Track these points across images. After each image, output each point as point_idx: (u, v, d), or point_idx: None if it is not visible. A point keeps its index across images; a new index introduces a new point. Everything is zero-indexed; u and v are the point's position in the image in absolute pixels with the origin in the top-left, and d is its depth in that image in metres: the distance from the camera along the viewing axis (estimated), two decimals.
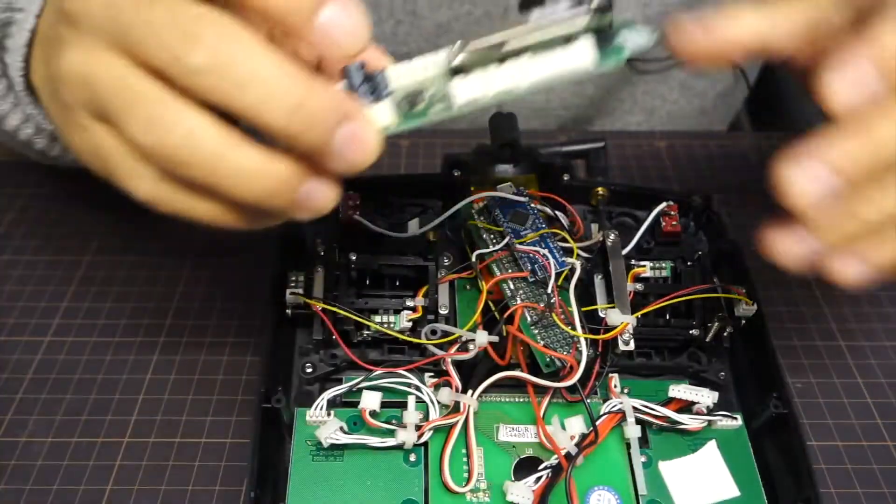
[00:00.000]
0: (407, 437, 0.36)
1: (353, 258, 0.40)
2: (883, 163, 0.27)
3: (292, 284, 0.40)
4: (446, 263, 0.41)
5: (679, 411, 0.37)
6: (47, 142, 0.41)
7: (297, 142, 0.25)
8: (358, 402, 0.37)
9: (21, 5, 0.35)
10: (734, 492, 0.36)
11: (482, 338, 0.37)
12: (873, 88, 0.27)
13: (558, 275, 0.38)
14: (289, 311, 0.40)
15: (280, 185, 0.25)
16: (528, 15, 0.26)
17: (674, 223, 0.43)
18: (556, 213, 0.42)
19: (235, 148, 0.25)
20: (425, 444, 0.36)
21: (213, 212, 0.27)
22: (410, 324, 0.38)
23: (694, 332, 0.40)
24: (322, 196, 0.26)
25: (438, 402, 0.37)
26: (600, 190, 0.44)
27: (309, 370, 0.39)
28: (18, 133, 0.40)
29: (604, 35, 0.27)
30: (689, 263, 0.42)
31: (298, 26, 0.25)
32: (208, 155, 0.25)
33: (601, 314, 0.38)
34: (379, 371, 0.38)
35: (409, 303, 0.39)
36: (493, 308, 0.39)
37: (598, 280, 0.40)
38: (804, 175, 0.27)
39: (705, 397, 0.37)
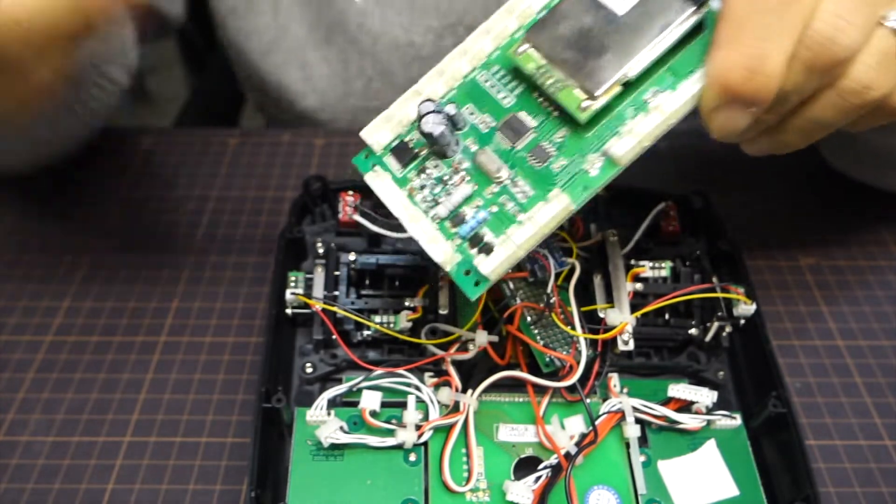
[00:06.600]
0: (407, 436, 0.36)
1: (353, 258, 0.41)
2: None
3: (292, 284, 0.40)
4: None
5: (678, 411, 0.37)
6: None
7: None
8: (358, 402, 0.37)
9: None
10: (733, 491, 0.36)
11: (482, 338, 0.37)
12: None
13: (558, 275, 0.38)
14: (289, 311, 0.40)
15: None
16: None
17: (673, 223, 0.43)
18: None
19: None
20: (425, 443, 0.36)
21: None
22: (410, 324, 0.38)
23: (693, 331, 0.40)
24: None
25: (438, 402, 0.37)
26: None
27: (309, 370, 0.40)
28: None
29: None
30: (688, 263, 0.42)
31: None
32: None
33: (601, 314, 0.38)
34: (379, 371, 0.38)
35: (409, 303, 0.39)
36: (492, 308, 0.39)
37: (598, 280, 0.40)
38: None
39: (704, 397, 0.37)
